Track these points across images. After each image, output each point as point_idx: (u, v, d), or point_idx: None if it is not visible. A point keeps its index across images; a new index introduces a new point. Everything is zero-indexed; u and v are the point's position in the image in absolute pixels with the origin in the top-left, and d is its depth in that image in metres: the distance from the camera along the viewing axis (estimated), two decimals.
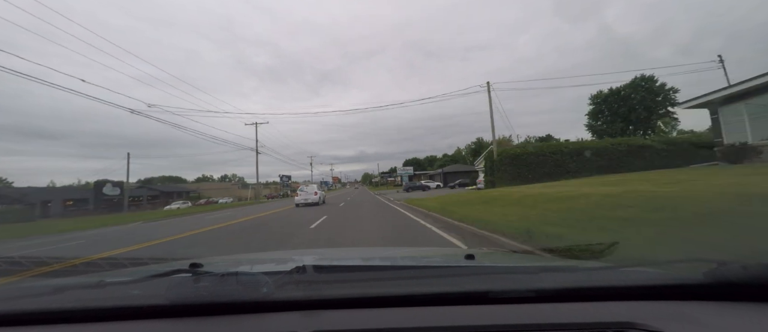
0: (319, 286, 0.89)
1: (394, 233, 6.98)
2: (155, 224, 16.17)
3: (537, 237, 4.56)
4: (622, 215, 5.00)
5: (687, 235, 3.71)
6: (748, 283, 0.73)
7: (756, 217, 3.84)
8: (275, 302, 0.78)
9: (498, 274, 1.12)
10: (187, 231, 10.37)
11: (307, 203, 19.70)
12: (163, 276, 1.01)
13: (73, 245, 9.30)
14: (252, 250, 6.11)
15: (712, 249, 3.17)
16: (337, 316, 0.75)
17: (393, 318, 0.73)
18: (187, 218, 18.81)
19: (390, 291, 0.86)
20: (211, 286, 0.81)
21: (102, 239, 10.25)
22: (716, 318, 0.68)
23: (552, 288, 0.84)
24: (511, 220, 6.32)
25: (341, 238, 6.79)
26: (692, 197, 5.21)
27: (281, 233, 8.24)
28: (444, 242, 5.71)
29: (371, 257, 1.96)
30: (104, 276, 1.28)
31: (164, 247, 7.40)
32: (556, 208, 6.87)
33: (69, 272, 4.40)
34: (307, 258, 1.70)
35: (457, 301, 0.79)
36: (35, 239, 12.25)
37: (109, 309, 0.82)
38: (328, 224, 9.46)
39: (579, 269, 1.12)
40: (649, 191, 6.49)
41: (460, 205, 10.67)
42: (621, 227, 4.46)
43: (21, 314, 0.83)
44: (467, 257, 1.35)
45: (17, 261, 4.25)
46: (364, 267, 1.40)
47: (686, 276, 0.84)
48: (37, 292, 1.00)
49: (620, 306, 0.75)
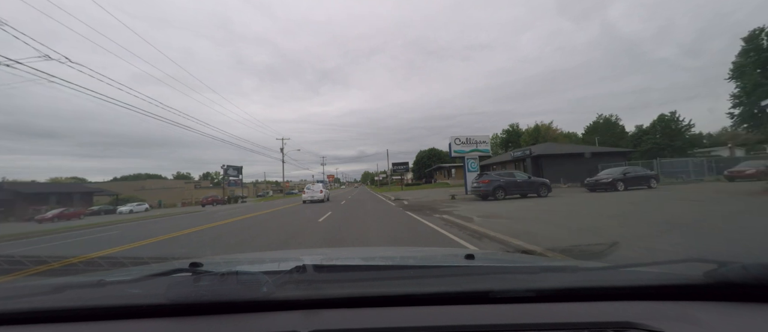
0: (319, 285, 0.89)
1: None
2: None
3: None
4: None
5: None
6: (748, 283, 0.73)
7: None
8: (275, 301, 0.78)
9: (498, 274, 1.12)
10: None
11: (313, 200, 21.37)
12: (164, 276, 1.01)
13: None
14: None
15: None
16: (337, 316, 0.75)
17: (393, 318, 0.73)
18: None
19: (390, 290, 0.86)
20: (211, 285, 0.81)
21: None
22: (716, 318, 0.68)
23: (552, 288, 0.84)
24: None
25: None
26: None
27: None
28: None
29: (372, 256, 1.94)
30: (104, 275, 1.27)
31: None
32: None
33: (69, 271, 4.27)
34: (307, 257, 1.71)
35: (457, 301, 0.79)
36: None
37: (110, 308, 0.81)
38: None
39: (579, 269, 1.12)
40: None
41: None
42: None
43: (21, 313, 0.83)
44: (467, 257, 1.34)
45: (18, 260, 4.14)
46: (365, 267, 1.40)
47: (686, 275, 0.83)
48: (38, 291, 0.99)
49: (620, 306, 0.75)
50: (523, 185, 15.01)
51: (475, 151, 20.43)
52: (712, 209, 7.32)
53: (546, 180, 15.45)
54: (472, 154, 20.23)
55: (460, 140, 20.34)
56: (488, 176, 15.47)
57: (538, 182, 15.22)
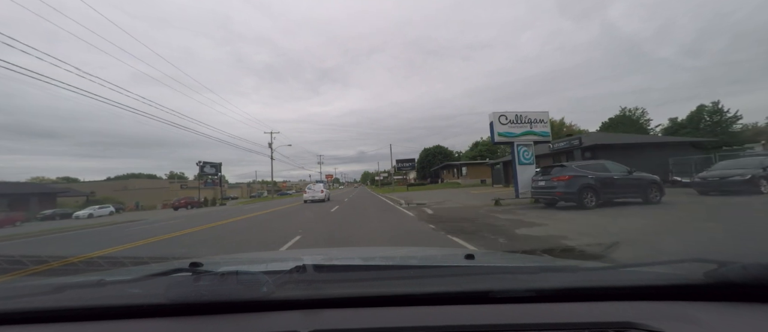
0: (319, 285, 0.89)
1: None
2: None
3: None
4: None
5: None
6: (748, 283, 0.73)
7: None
8: (275, 301, 0.78)
9: (498, 274, 1.13)
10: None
11: (314, 199, 21.55)
12: (164, 275, 1.01)
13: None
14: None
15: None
16: (337, 315, 0.74)
17: (393, 318, 0.73)
18: None
19: (390, 290, 0.86)
20: (211, 285, 0.81)
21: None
22: (716, 318, 0.68)
23: (552, 288, 0.84)
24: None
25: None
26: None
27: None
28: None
29: (371, 256, 1.93)
30: (104, 274, 1.28)
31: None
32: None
33: (69, 271, 4.58)
34: (307, 257, 1.69)
35: (457, 301, 0.79)
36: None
37: (110, 307, 0.81)
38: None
39: (579, 269, 1.14)
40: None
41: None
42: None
43: (21, 313, 0.83)
44: (467, 257, 1.34)
45: (17, 260, 4.36)
46: (365, 267, 1.40)
47: (686, 276, 0.84)
48: (38, 291, 1.00)
49: (620, 306, 0.75)
50: (623, 184, 9.45)
51: (529, 134, 13.06)
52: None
53: (656, 177, 9.80)
54: (525, 138, 12.99)
55: (507, 119, 12.92)
56: (568, 171, 9.60)
57: (646, 180, 9.56)
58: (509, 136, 12.96)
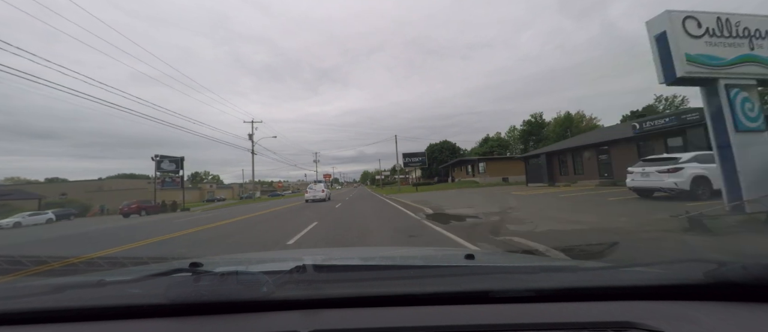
0: (319, 285, 0.89)
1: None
2: None
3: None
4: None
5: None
6: (748, 283, 0.73)
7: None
8: (275, 301, 0.78)
9: (498, 274, 1.12)
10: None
11: (315, 199, 22.07)
12: (163, 275, 1.02)
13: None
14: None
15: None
16: (337, 315, 0.74)
17: (393, 318, 0.73)
18: None
19: (390, 290, 0.86)
20: (211, 285, 0.81)
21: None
22: (716, 318, 0.68)
23: (552, 287, 0.84)
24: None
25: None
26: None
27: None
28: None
29: (371, 256, 1.93)
30: (104, 275, 1.29)
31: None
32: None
33: (69, 271, 4.58)
34: (307, 257, 1.69)
35: (457, 301, 0.79)
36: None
37: (109, 308, 0.81)
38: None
39: (579, 269, 1.14)
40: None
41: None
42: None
43: (21, 313, 0.83)
44: (467, 257, 1.34)
45: (17, 260, 4.38)
46: (364, 267, 1.40)
47: (686, 276, 0.84)
48: (37, 291, 1.00)
49: (620, 306, 0.75)
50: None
51: (751, 61, 5.75)
52: None
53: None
54: (743, 70, 5.72)
55: (704, 27, 5.64)
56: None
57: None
58: (710, 63, 5.65)
